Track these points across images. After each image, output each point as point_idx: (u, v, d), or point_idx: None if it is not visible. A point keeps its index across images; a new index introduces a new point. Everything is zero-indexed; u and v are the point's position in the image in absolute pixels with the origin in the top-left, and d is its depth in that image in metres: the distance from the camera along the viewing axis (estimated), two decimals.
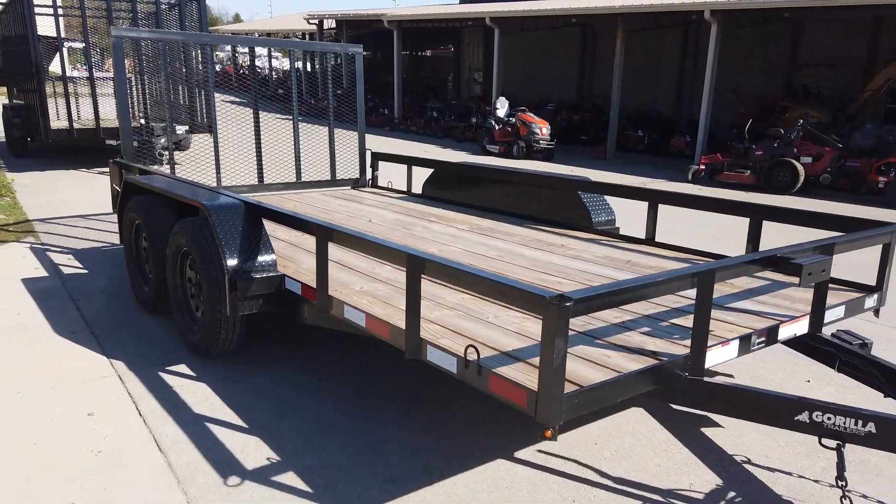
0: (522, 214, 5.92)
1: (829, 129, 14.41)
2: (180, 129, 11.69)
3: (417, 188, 7.00)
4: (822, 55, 17.86)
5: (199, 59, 10.84)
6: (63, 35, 14.53)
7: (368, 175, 7.70)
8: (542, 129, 16.58)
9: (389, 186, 7.50)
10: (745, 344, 3.11)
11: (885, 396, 3.20)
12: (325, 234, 3.40)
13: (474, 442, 3.39)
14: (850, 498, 2.71)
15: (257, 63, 37.25)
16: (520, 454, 3.32)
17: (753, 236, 4.40)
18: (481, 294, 2.60)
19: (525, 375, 2.57)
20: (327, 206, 6.40)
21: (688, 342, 2.95)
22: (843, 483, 2.68)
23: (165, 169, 6.54)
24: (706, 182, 13.83)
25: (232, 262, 3.74)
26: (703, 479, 3.17)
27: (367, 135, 7.92)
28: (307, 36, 29.75)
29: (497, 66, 19.84)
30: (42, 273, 5.91)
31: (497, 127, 17.13)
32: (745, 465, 3.29)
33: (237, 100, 7.09)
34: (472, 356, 2.67)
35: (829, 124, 15.01)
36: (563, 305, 2.26)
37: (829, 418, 2.64)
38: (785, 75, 18.61)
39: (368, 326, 3.22)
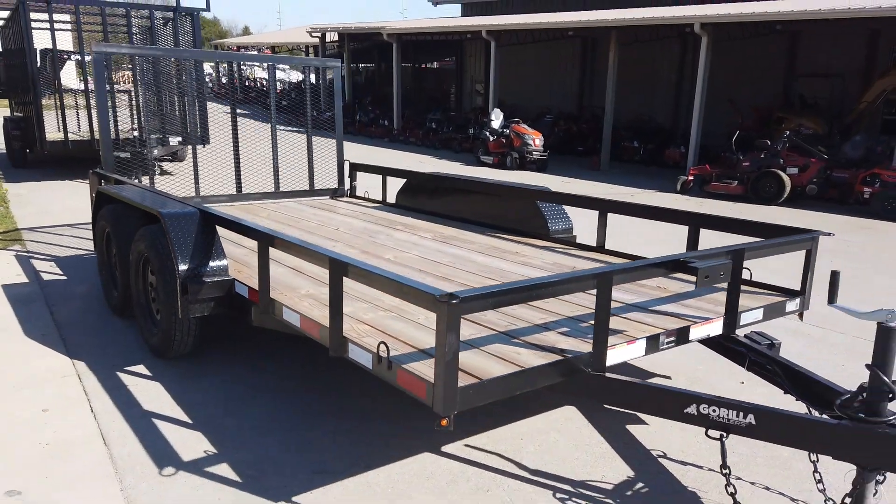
0: (486, 223, 6.11)
1: (823, 140, 14.55)
2: (174, 141, 11.99)
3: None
4: (818, 66, 18.00)
5: (194, 72, 11.19)
6: (72, 48, 14.92)
7: (347, 185, 7.91)
8: (535, 140, 16.78)
9: (366, 196, 7.71)
10: (654, 343, 3.28)
11: (784, 393, 3.36)
12: (266, 240, 3.60)
13: (405, 436, 3.57)
14: (733, 485, 2.87)
15: (261, 75, 37.71)
16: (447, 448, 3.49)
17: (692, 243, 4.57)
18: (392, 293, 2.78)
19: (429, 369, 2.76)
20: (300, 214, 6.61)
21: (622, 340, 3.15)
22: (727, 471, 2.83)
23: (158, 179, 6.80)
24: (695, 192, 13.97)
25: (183, 266, 3.95)
26: (617, 472, 3.33)
27: (366, 146, 8.25)
28: (310, 48, 30.15)
29: (494, 77, 20.08)
30: (23, 280, 6.15)
31: (492, 138, 17.35)
32: (661, 459, 3.45)
33: (239, 111, 7.32)
34: (384, 352, 2.86)
35: (825, 135, 15.15)
36: (451, 303, 2.44)
37: (714, 410, 2.80)
38: (782, 86, 18.76)
39: (302, 326, 3.41)
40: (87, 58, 14.41)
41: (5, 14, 13.21)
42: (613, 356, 3.11)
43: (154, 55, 7.47)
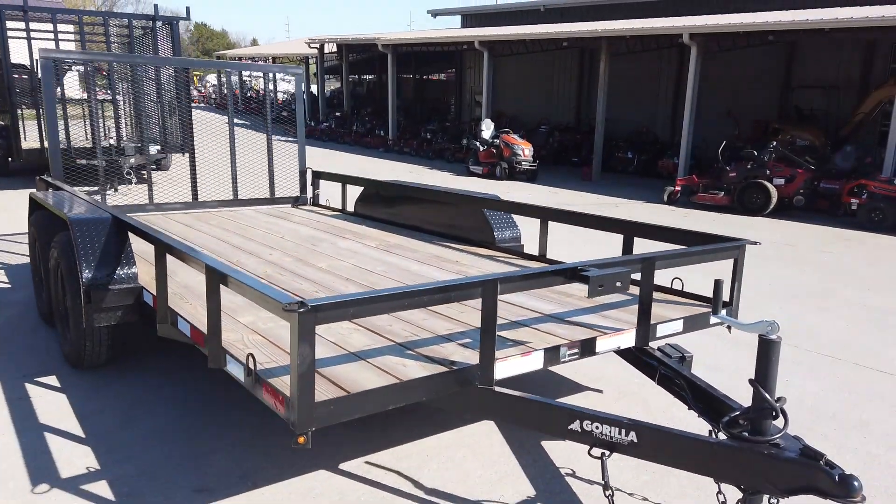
0: (436, 231, 5.98)
1: (819, 152, 14.32)
2: (153, 149, 11.94)
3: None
4: (815, 77, 17.80)
5: (175, 80, 11.16)
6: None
7: (309, 193, 7.81)
8: (525, 150, 16.66)
9: (327, 204, 7.60)
10: (553, 355, 3.12)
11: (688, 409, 3.19)
12: (162, 247, 3.48)
13: (304, 453, 3.42)
14: None
15: (260, 86, 37.85)
16: (345, 465, 3.34)
17: (627, 252, 4.41)
18: (253, 300, 2.64)
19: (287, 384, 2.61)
20: (251, 222, 6.50)
21: (503, 352, 2.99)
22: (610, 492, 2.67)
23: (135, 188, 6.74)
24: (682, 203, 13.78)
25: (88, 273, 3.83)
26: (518, 491, 3.17)
27: (359, 155, 8.18)
28: (311, 59, 30.23)
29: (486, 88, 20.02)
30: None
31: (482, 148, 17.24)
32: (568, 478, 3.28)
33: (238, 121, 7.29)
34: (252, 365, 2.72)
35: (821, 146, 14.92)
36: (300, 312, 2.31)
37: (597, 427, 2.64)
38: (779, 97, 18.56)
39: (192, 337, 3.28)
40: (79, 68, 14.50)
41: None
42: (505, 369, 2.96)
43: (105, 60, 7.42)
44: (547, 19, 25.03)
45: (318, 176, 7.77)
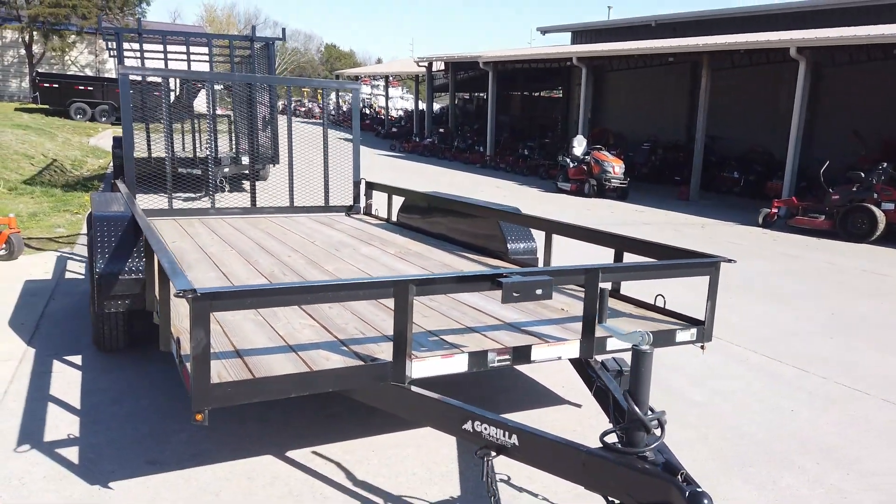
0: (457, 241, 6.11)
1: None
2: (245, 160, 12.81)
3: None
4: None
5: (267, 96, 12.01)
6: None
7: (362, 203, 8.14)
8: (615, 167, 16.36)
9: (376, 214, 7.89)
10: (479, 359, 3.16)
11: (609, 422, 3.11)
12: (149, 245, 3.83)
13: (255, 438, 3.64)
14: None
15: (384, 104, 39.30)
16: (292, 453, 3.52)
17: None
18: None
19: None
20: (295, 227, 6.87)
21: (424, 353, 3.09)
22: (492, 494, 2.67)
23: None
24: (779, 227, 13.03)
25: (101, 263, 4.28)
26: (444, 492, 3.22)
27: (452, 170, 8.47)
28: (420, 77, 31.11)
29: (584, 104, 19.86)
30: (47, 277, 6.83)
31: (572, 165, 17.11)
32: (500, 483, 3.29)
33: (349, 136, 7.85)
34: (177, 348, 2.97)
35: None
36: (189, 298, 2.52)
37: (486, 428, 2.67)
38: None
39: (160, 324, 3.59)
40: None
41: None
42: (423, 369, 3.03)
43: (178, 76, 8.13)
44: (658, 34, 24.41)
45: (370, 187, 8.08)
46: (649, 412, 2.41)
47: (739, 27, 20.89)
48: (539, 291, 2.99)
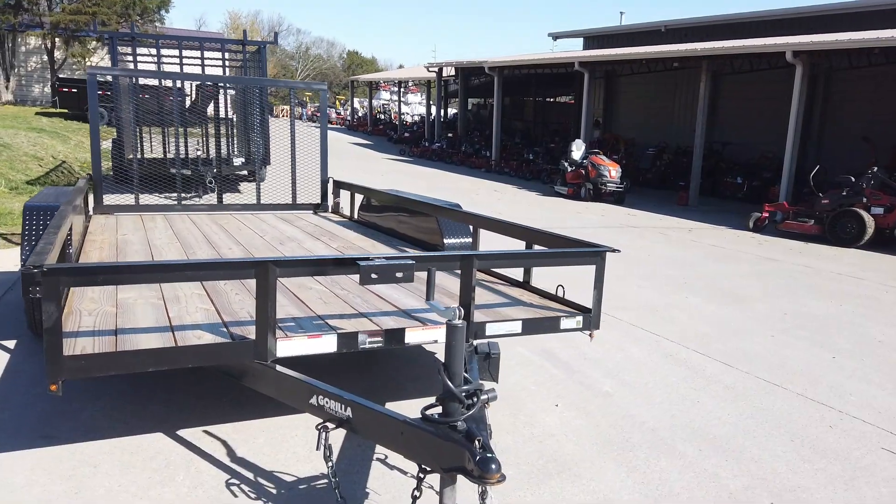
0: (404, 236, 6.24)
1: None
2: (237, 161, 13.08)
3: None
4: None
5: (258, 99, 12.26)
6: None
7: (330, 201, 8.29)
8: (612, 171, 16.33)
9: (341, 212, 8.03)
10: (350, 340, 3.27)
11: None
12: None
13: (152, 418, 3.78)
14: (335, 480, 2.80)
15: (405, 110, 39.63)
16: (183, 431, 3.66)
17: None
18: None
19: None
20: (253, 224, 7.04)
21: (292, 333, 3.21)
22: (331, 465, 2.77)
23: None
24: (769, 231, 12.92)
25: (27, 250, 4.47)
26: (316, 469, 3.33)
27: (456, 174, 8.66)
28: (432, 83, 31.32)
29: (586, 108, 19.86)
30: (16, 269, 7.08)
31: (570, 169, 17.12)
32: (375, 461, 3.40)
33: (362, 141, 8.05)
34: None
35: None
36: (34, 272, 2.66)
37: (327, 402, 2.77)
38: None
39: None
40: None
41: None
42: (288, 348, 3.15)
43: (142, 76, 8.35)
44: (668, 40, 24.30)
45: (338, 186, 8.23)
46: (465, 384, 2.50)
47: (752, 32, 20.74)
48: (399, 275, 3.10)
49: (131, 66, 12.63)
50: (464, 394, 2.47)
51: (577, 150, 17.48)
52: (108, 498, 3.03)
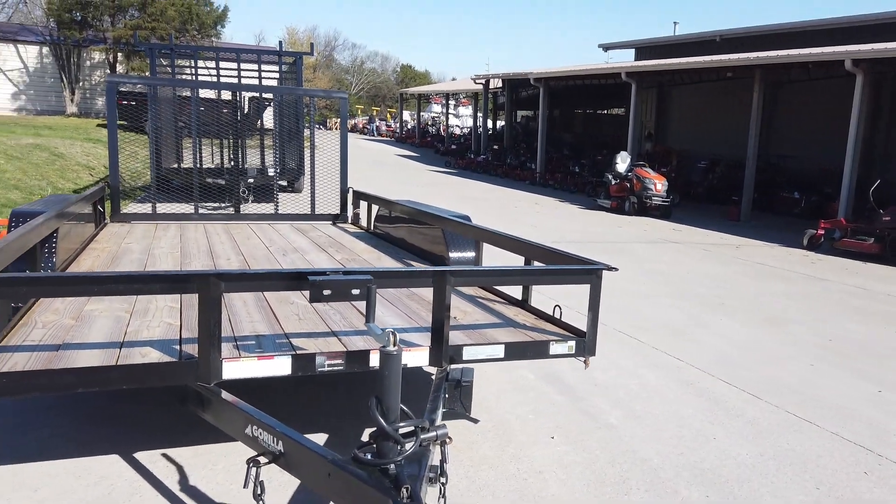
0: (413, 248, 5.96)
1: None
2: (271, 172, 13.05)
3: None
4: None
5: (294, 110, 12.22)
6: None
7: (350, 211, 8.08)
8: (657, 184, 15.74)
9: (358, 223, 7.81)
10: (306, 362, 2.98)
11: None
12: None
13: (114, 438, 3.56)
14: None
15: (455, 122, 39.54)
16: (139, 454, 3.43)
17: None
18: None
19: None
20: (266, 234, 6.87)
21: (240, 354, 2.94)
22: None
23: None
24: (825, 250, 12.14)
25: None
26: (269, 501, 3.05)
27: (498, 186, 8.36)
28: (479, 95, 31.13)
29: (633, 120, 19.32)
30: None
31: (614, 182, 16.59)
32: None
33: (408, 153, 7.98)
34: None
35: None
36: None
37: (261, 433, 2.48)
38: None
39: None
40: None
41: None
42: (235, 370, 2.87)
43: (166, 85, 8.32)
44: (723, 50, 23.46)
45: (358, 196, 8.01)
46: (407, 420, 2.18)
47: (812, 42, 19.80)
48: (356, 291, 2.79)
49: (185, 77, 12.76)
50: (400, 432, 2.15)
51: (622, 162, 16.93)
52: None
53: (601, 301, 3.21)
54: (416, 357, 3.16)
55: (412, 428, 2.20)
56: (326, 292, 2.74)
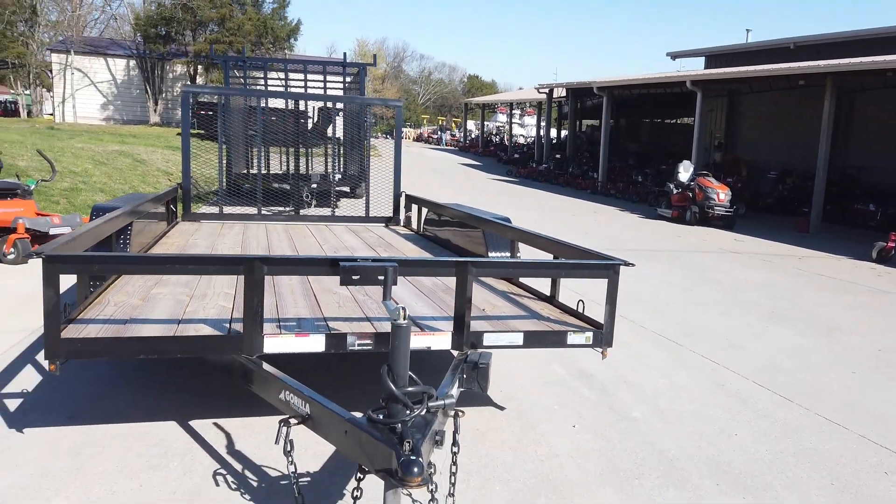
0: (456, 248, 6.22)
1: None
2: (336, 178, 13.56)
3: None
4: None
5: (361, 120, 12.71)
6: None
7: (402, 214, 8.41)
8: (720, 194, 15.50)
9: (410, 225, 8.12)
10: (338, 341, 3.28)
11: None
12: None
13: (177, 406, 3.95)
14: (296, 475, 2.76)
15: (519, 132, 39.70)
16: (194, 422, 3.79)
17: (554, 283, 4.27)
18: None
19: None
20: (322, 234, 7.26)
21: (281, 331, 3.27)
22: (291, 460, 2.73)
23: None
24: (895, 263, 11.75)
25: None
26: (302, 467, 3.32)
27: (567, 196, 8.51)
28: (542, 104, 31.20)
29: (697, 129, 19.07)
30: None
31: (675, 191, 16.42)
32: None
33: (471, 161, 8.40)
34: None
35: None
36: (44, 259, 2.87)
37: (292, 398, 2.78)
38: None
39: None
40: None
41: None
42: (275, 345, 3.20)
43: (235, 94, 8.85)
44: (797, 57, 22.87)
45: (410, 200, 8.33)
46: (414, 386, 2.44)
47: (889, 49, 19.11)
48: (381, 277, 3.07)
49: (258, 87, 13.45)
50: (408, 396, 2.41)
51: (685, 171, 16.73)
52: (103, 477, 3.19)
53: (648, 307, 3.39)
54: (440, 341, 3.41)
55: (421, 395, 2.45)
56: (355, 277, 3.03)
